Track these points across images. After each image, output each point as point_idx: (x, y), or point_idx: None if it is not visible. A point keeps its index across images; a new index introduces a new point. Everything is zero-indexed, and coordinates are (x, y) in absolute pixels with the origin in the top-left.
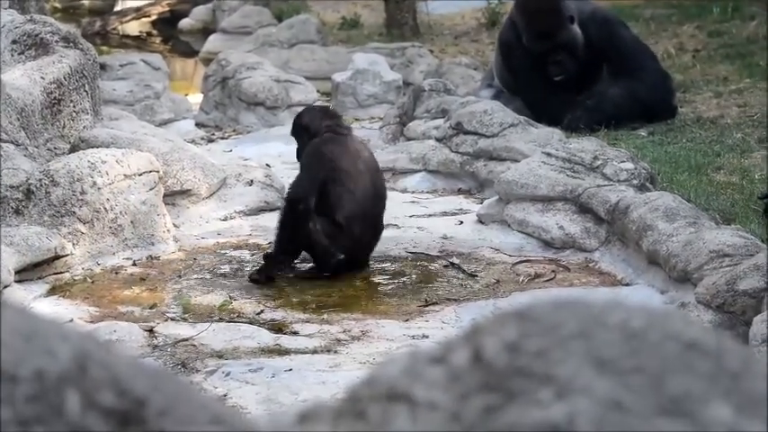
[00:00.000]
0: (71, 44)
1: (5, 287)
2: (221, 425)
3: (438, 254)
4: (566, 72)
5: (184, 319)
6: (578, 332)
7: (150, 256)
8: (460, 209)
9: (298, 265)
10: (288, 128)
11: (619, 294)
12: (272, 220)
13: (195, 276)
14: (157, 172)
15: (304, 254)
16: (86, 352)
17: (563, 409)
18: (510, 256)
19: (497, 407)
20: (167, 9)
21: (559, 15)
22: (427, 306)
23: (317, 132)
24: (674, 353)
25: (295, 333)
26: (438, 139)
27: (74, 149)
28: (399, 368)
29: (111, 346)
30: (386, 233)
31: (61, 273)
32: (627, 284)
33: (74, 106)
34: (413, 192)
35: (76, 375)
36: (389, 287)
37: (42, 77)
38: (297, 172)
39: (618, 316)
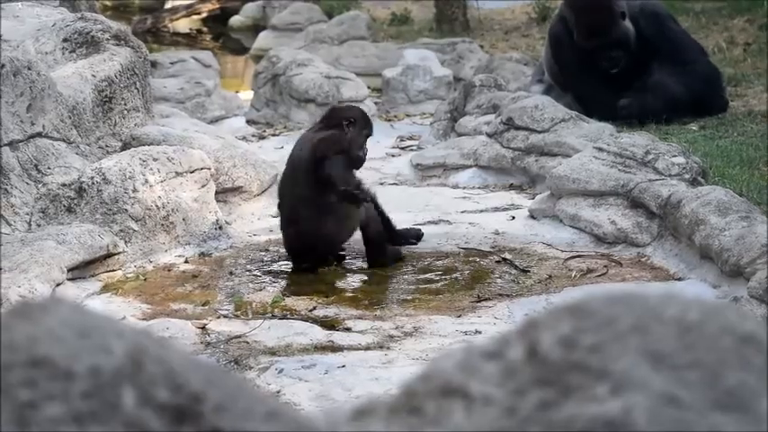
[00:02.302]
0: (122, 42)
1: (58, 285)
2: (277, 421)
3: (490, 249)
4: (618, 67)
5: (237, 316)
6: (634, 326)
7: (202, 253)
8: (512, 204)
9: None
10: None
11: (672, 289)
12: None
13: (247, 273)
14: (209, 169)
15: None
16: (141, 348)
17: (619, 405)
18: (562, 251)
19: (553, 402)
20: (217, 6)
21: (611, 12)
22: (479, 302)
23: None
24: (730, 347)
25: (348, 329)
26: (489, 135)
27: (125, 147)
28: (454, 363)
29: (166, 341)
30: (437, 229)
31: (114, 270)
32: (679, 279)
33: (125, 104)
34: (464, 187)
35: (131, 371)
36: (441, 283)
37: (93, 75)
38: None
39: (673, 309)
